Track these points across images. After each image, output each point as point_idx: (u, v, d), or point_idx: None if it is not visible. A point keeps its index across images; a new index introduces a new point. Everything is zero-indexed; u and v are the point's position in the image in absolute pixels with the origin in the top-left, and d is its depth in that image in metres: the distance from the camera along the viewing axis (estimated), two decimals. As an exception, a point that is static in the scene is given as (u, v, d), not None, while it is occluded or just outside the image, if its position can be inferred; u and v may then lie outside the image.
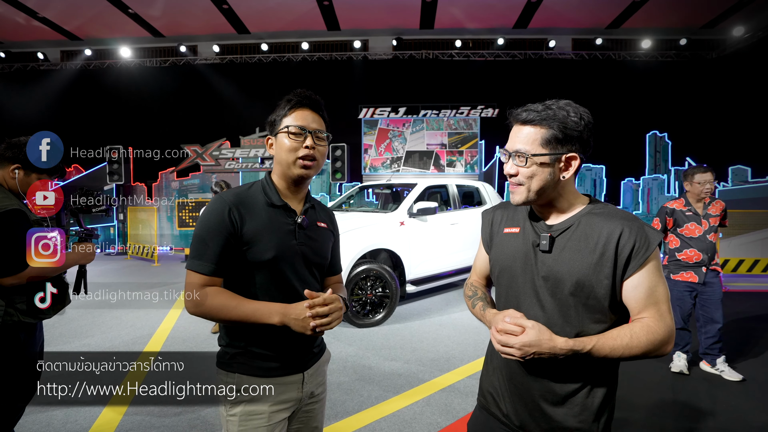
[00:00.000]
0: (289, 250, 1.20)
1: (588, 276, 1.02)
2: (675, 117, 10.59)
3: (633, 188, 10.75)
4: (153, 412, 2.71)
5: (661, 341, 0.99)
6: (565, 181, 1.07)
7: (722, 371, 3.29)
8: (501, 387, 1.17)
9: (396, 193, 6.35)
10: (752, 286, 6.87)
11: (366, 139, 11.38)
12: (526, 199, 1.08)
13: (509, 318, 1.02)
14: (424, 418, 2.68)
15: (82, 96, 11.38)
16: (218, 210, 1.16)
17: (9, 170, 1.79)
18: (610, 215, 1.05)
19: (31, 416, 2.66)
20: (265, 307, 1.13)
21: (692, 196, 3.28)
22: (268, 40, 11.09)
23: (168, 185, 11.22)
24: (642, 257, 1.00)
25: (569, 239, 1.06)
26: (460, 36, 10.90)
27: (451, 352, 3.81)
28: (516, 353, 0.99)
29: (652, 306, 1.00)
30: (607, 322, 1.04)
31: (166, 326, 4.52)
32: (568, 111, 1.04)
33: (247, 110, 11.10)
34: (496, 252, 1.20)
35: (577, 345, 0.97)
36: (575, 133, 1.03)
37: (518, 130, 1.07)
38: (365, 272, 4.52)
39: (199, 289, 1.14)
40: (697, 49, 10.74)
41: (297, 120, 1.22)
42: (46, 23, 10.25)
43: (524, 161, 1.05)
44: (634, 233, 1.01)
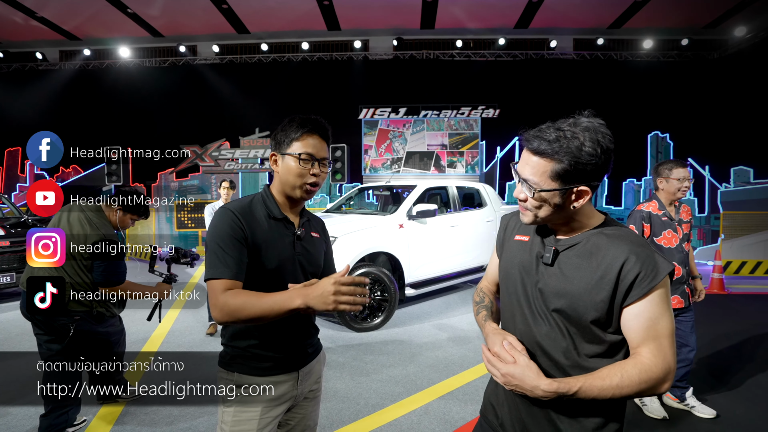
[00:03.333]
0: (290, 260, 1.29)
1: (582, 296, 0.98)
2: (677, 117, 10.52)
3: (634, 189, 10.69)
4: (144, 421, 2.66)
5: (656, 380, 0.93)
6: (576, 209, 1.01)
7: (692, 407, 2.80)
8: (500, 396, 1.16)
9: (396, 195, 6.29)
10: (755, 288, 6.80)
11: (366, 139, 11.33)
12: (533, 222, 1.06)
13: (507, 344, 1.00)
14: (422, 428, 2.62)
15: (80, 96, 11.34)
16: (228, 219, 1.22)
17: (114, 210, 2.54)
18: (620, 238, 1.00)
19: (31, 417, 2.62)
20: (284, 294, 1.12)
21: (666, 197, 2.68)
22: (268, 40, 11.04)
23: (167, 186, 11.18)
24: (647, 286, 0.94)
25: (572, 256, 1.03)
26: (461, 36, 10.84)
27: (450, 358, 3.75)
28: (500, 378, 0.98)
29: (651, 340, 0.94)
30: (602, 345, 0.99)
31: (163, 327, 4.48)
32: (583, 141, 0.95)
33: (247, 111, 11.06)
34: (504, 258, 1.20)
35: (562, 387, 0.93)
36: (589, 167, 0.96)
37: (528, 156, 1.01)
38: (364, 275, 4.46)
39: (222, 293, 1.15)
40: (699, 50, 10.67)
41: (307, 147, 1.28)
42: (44, 23, 10.21)
43: (532, 193, 1.00)
44: (641, 260, 0.95)
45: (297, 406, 1.40)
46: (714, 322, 4.81)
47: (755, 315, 5.17)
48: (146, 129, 11.05)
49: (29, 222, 6.20)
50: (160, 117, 11.23)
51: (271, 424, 1.31)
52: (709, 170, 10.07)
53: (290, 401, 1.35)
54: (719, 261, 6.56)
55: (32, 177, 11.09)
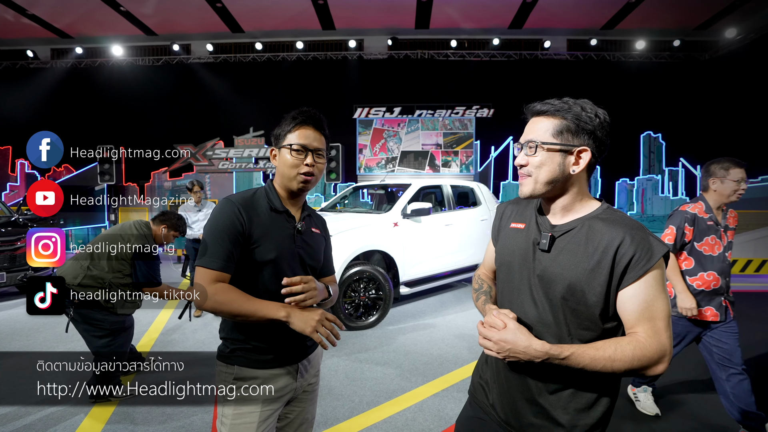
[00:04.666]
0: (289, 252, 1.31)
1: (580, 281, 0.99)
2: (669, 118, 10.63)
3: (627, 189, 10.77)
4: (137, 420, 2.64)
5: (650, 359, 0.93)
6: (575, 176, 1.04)
7: (637, 400, 2.79)
8: (491, 378, 1.17)
9: (390, 194, 6.29)
10: (745, 286, 6.88)
11: (361, 139, 11.32)
12: (533, 191, 1.05)
13: (497, 312, 1.03)
14: (417, 425, 2.63)
15: (72, 95, 11.23)
16: (227, 212, 1.26)
17: (161, 227, 3.00)
18: (616, 221, 1.01)
19: (27, 415, 2.59)
20: (271, 304, 1.22)
21: (716, 199, 2.37)
22: (263, 39, 11.01)
23: (160, 185, 11.11)
24: (642, 268, 0.95)
25: (569, 241, 1.04)
26: (455, 36, 10.87)
27: (445, 356, 3.76)
28: (493, 347, 0.99)
29: (646, 321, 0.95)
30: (596, 331, 1.00)
31: (156, 327, 4.45)
32: (584, 106, 1.03)
33: (241, 110, 11.01)
34: (501, 245, 1.21)
35: (554, 350, 0.95)
36: (589, 127, 1.01)
37: (533, 123, 1.07)
38: (358, 274, 4.46)
39: (209, 283, 1.21)
40: (691, 51, 10.78)
41: (300, 138, 1.31)
42: (35, 20, 10.11)
43: (534, 150, 1.03)
44: (636, 242, 0.96)
45: (296, 399, 1.41)
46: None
47: (746, 312, 5.23)
48: (140, 128, 10.97)
49: (20, 221, 6.13)
50: (154, 116, 11.15)
51: (272, 417, 1.32)
52: (700, 170, 10.16)
53: (290, 394, 1.36)
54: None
55: (23, 176, 10.98)
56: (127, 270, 2.77)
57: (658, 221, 10.35)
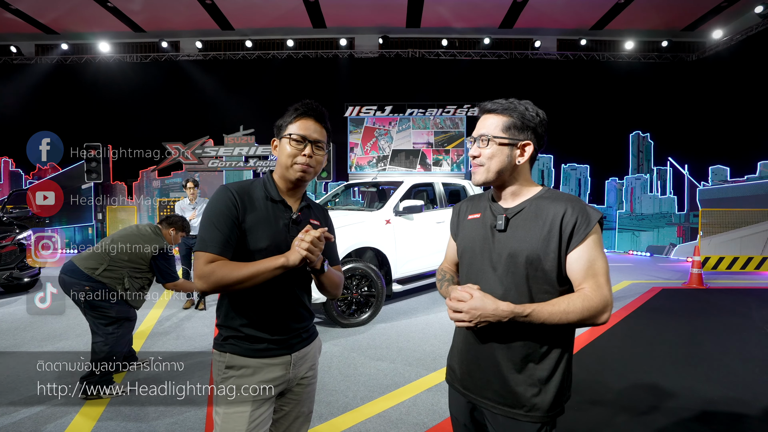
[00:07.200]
0: (283, 242, 1.30)
1: (537, 250, 1.13)
2: (657, 117, 10.77)
3: (617, 188, 10.89)
4: (129, 417, 2.60)
5: (596, 309, 1.07)
6: (521, 166, 1.21)
7: None
8: (460, 360, 1.30)
9: (382, 192, 6.29)
10: (732, 283, 7.00)
11: (352, 137, 11.30)
12: (485, 179, 1.21)
13: (461, 287, 1.13)
14: (411, 419, 2.62)
15: (58, 92, 11.03)
16: (223, 198, 1.28)
17: (170, 230, 3.23)
18: (557, 198, 1.18)
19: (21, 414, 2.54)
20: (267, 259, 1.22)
21: None
22: (253, 36, 10.93)
23: (149, 184, 10.97)
24: (583, 233, 1.11)
25: (522, 219, 1.19)
26: (446, 35, 10.91)
27: (438, 351, 3.76)
28: (465, 317, 1.08)
29: (590, 278, 1.10)
30: (555, 294, 1.14)
31: (146, 326, 4.39)
32: (527, 106, 1.20)
33: (231, 108, 10.92)
34: (461, 237, 1.33)
35: (517, 309, 1.07)
36: (531, 125, 1.18)
37: (484, 119, 1.23)
38: (351, 271, 4.45)
39: (207, 264, 1.21)
40: (679, 51, 10.95)
41: (300, 129, 1.34)
42: (19, 15, 9.91)
43: (486, 143, 1.19)
44: (576, 212, 1.13)
45: (290, 392, 1.40)
46: (694, 316, 5.03)
47: (731, 308, 5.32)
48: (128, 126, 10.80)
49: (5, 220, 6.01)
50: (142, 114, 11.00)
51: (265, 406, 1.30)
52: (688, 169, 10.32)
53: (284, 385, 1.35)
54: (698, 257, 6.74)
55: (7, 175, 10.75)
56: (145, 267, 2.98)
57: (647, 220, 10.48)
